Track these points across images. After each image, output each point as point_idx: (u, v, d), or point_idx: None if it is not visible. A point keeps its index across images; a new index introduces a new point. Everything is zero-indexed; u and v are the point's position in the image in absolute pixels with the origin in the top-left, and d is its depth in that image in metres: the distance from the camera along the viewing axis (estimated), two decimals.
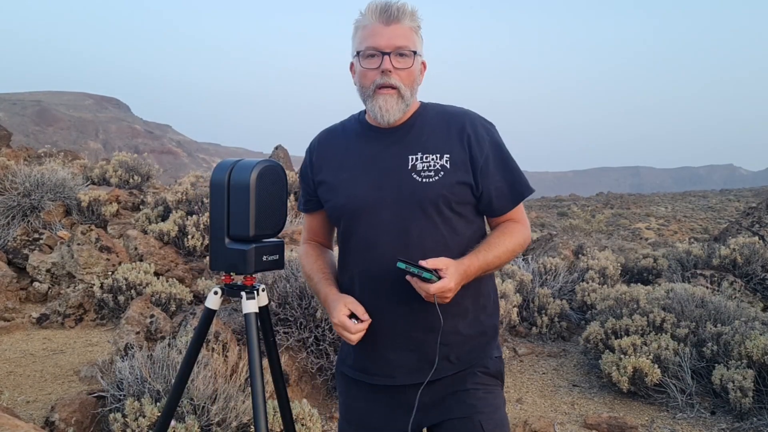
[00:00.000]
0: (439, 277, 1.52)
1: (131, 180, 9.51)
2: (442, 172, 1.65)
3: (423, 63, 1.74)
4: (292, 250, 5.42)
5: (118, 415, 2.90)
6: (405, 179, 1.66)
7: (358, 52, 1.67)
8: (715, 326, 4.66)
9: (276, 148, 10.91)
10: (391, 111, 1.65)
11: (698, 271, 6.93)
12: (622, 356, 4.38)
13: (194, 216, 7.19)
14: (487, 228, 1.81)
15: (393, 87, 1.64)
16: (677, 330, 4.69)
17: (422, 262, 1.51)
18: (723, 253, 6.97)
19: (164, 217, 7.72)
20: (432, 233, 1.65)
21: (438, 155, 1.67)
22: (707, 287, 6.11)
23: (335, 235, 1.91)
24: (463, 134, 1.69)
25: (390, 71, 1.63)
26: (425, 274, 1.50)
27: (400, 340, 1.68)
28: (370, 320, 1.64)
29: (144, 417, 2.84)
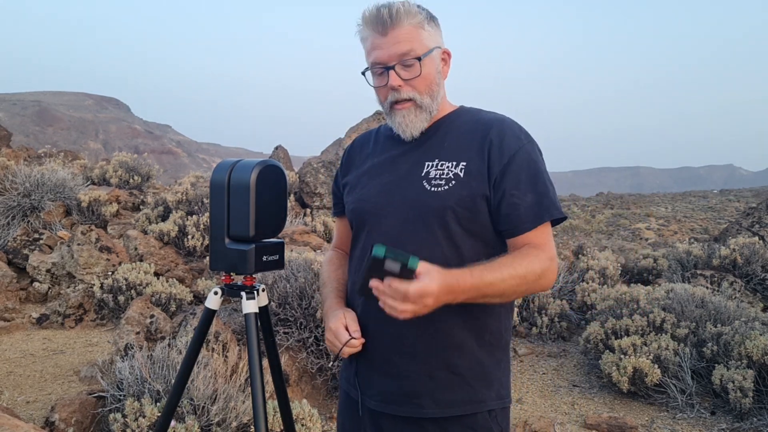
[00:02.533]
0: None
1: (131, 180, 9.52)
2: (453, 182, 1.44)
3: (446, 52, 1.54)
4: (292, 250, 5.42)
5: (118, 415, 2.90)
6: (414, 187, 1.48)
7: (367, 68, 1.53)
8: (715, 326, 4.66)
9: (276, 148, 10.92)
10: (411, 125, 1.50)
11: (698, 272, 6.93)
12: (622, 356, 4.38)
13: (194, 216, 7.20)
14: None
15: (408, 100, 1.48)
16: (677, 330, 4.69)
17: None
18: (723, 253, 6.97)
19: (164, 218, 7.74)
20: (431, 251, 1.42)
21: (453, 163, 1.47)
22: (707, 287, 6.11)
23: None
24: (485, 141, 1.47)
25: (399, 86, 1.47)
26: (410, 261, 1.23)
27: (381, 364, 1.51)
28: (363, 340, 1.51)
29: (144, 417, 2.84)
